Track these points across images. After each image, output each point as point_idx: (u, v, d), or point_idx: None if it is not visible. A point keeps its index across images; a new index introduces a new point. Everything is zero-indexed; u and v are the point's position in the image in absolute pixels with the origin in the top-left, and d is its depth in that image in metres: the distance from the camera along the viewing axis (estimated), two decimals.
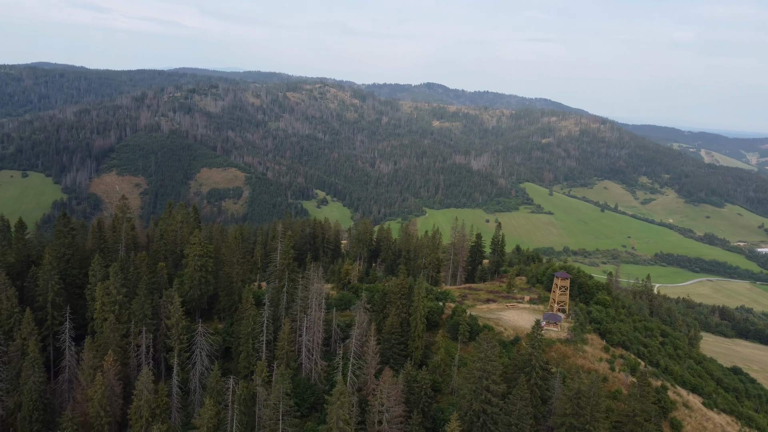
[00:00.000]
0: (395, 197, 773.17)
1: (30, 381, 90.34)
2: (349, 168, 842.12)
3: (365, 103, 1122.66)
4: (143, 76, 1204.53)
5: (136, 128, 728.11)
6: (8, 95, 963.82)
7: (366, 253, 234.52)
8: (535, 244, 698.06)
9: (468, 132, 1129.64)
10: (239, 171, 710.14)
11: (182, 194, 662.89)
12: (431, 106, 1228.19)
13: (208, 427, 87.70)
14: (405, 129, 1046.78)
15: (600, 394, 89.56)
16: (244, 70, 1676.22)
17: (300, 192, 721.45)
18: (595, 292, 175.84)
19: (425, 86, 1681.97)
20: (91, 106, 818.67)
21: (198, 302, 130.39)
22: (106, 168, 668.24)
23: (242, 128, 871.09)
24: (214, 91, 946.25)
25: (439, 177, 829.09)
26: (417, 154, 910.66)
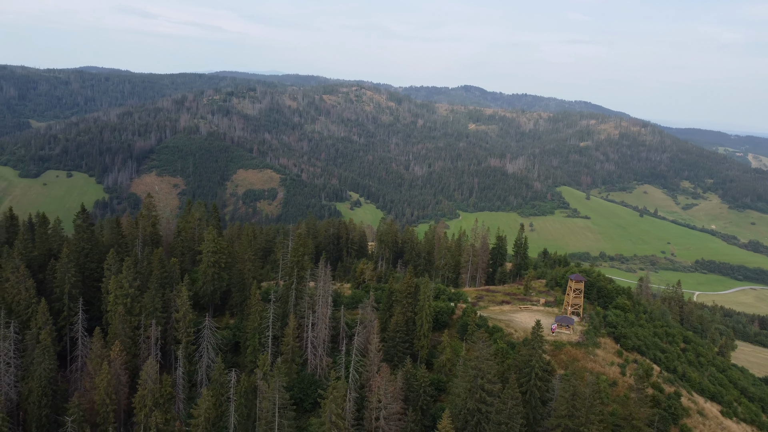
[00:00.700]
0: (428, 200, 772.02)
1: (40, 368, 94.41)
2: (383, 170, 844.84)
3: (401, 105, 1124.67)
4: (184, 80, 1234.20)
5: (175, 130, 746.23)
6: (57, 98, 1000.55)
7: (388, 253, 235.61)
8: (570, 249, 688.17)
9: (504, 135, 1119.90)
10: (274, 172, 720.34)
11: (219, 195, 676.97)
12: (467, 109, 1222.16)
13: (206, 417, 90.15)
14: (440, 132, 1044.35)
15: (596, 396, 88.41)
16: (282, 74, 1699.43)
17: (334, 194, 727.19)
18: (614, 296, 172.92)
19: (462, 89, 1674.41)
20: (133, 108, 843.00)
21: (211, 298, 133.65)
22: (146, 169, 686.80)
23: (279, 130, 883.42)
24: (252, 93, 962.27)
25: (473, 180, 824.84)
26: (452, 157, 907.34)
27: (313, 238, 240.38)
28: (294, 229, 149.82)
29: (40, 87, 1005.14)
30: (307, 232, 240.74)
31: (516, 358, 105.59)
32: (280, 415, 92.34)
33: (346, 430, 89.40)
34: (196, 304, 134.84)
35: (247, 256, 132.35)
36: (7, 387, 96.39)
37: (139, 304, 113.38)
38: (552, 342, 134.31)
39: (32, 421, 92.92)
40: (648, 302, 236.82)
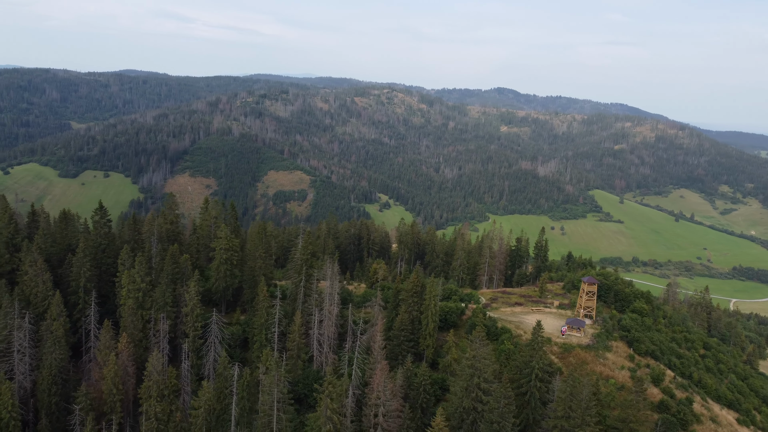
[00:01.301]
0: (458, 202, 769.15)
1: (50, 358, 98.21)
2: (413, 172, 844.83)
3: (432, 108, 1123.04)
4: (219, 82, 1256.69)
5: (209, 132, 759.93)
6: (96, 101, 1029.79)
7: (408, 254, 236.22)
8: (602, 254, 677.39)
9: (537, 137, 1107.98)
10: (305, 174, 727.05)
11: (249, 196, 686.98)
12: (499, 111, 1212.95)
13: (206, 409, 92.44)
14: (471, 134, 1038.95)
15: (592, 398, 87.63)
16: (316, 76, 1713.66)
17: (363, 195, 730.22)
18: (632, 300, 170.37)
19: (495, 91, 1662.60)
20: (169, 110, 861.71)
21: (223, 294, 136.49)
22: (180, 169, 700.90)
23: (310, 132, 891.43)
24: (285, 96, 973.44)
25: (503, 183, 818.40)
26: (482, 160, 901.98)
27: (334, 238, 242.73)
28: (304, 228, 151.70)
29: (81, 90, 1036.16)
30: (328, 233, 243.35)
31: (517, 359, 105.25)
32: (279, 409, 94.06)
33: (342, 425, 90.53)
34: (209, 301, 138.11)
35: (258, 254, 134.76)
36: (21, 376, 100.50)
37: (150, 298, 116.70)
38: (561, 344, 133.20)
39: (42, 408, 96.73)
40: (674, 308, 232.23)
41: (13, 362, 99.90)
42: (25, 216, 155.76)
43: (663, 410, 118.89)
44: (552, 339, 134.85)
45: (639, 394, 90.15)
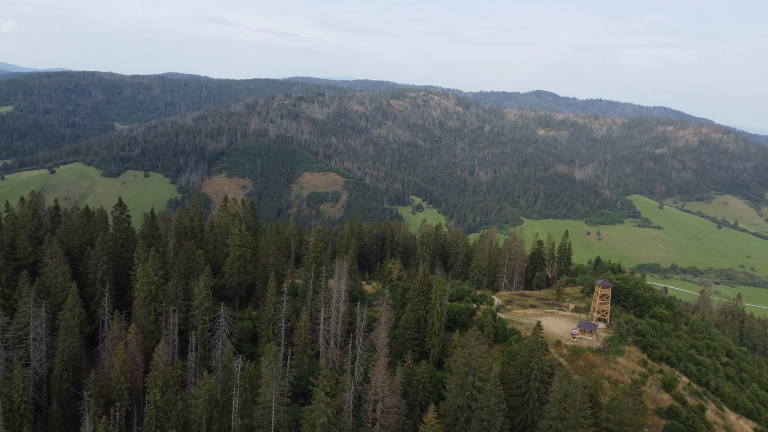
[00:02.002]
0: (492, 206, 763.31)
1: (63, 346, 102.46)
2: (447, 175, 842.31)
3: (468, 110, 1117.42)
4: (258, 85, 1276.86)
5: (245, 133, 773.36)
6: (139, 102, 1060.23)
7: (430, 255, 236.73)
8: (639, 260, 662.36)
9: (575, 141, 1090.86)
10: (338, 176, 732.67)
11: (284, 196, 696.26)
12: (537, 114, 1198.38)
13: (206, 399, 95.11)
14: (508, 137, 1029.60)
15: (586, 400, 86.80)
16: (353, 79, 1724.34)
17: (396, 198, 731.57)
18: (652, 305, 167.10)
19: (534, 94, 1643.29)
20: (208, 112, 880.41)
21: (236, 289, 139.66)
22: (217, 170, 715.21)
23: (345, 134, 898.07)
24: (321, 98, 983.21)
25: (539, 186, 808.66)
26: (518, 163, 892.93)
27: (358, 239, 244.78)
28: (315, 226, 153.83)
29: (125, 92, 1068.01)
30: (351, 233, 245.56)
31: (518, 360, 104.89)
32: (278, 401, 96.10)
33: (338, 419, 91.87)
34: (223, 296, 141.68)
35: (271, 251, 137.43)
36: (37, 362, 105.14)
37: (163, 291, 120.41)
38: (571, 347, 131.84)
39: (53, 393, 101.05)
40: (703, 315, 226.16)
41: (29, 349, 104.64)
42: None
43: (672, 416, 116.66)
44: (562, 342, 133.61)
45: (635, 397, 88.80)
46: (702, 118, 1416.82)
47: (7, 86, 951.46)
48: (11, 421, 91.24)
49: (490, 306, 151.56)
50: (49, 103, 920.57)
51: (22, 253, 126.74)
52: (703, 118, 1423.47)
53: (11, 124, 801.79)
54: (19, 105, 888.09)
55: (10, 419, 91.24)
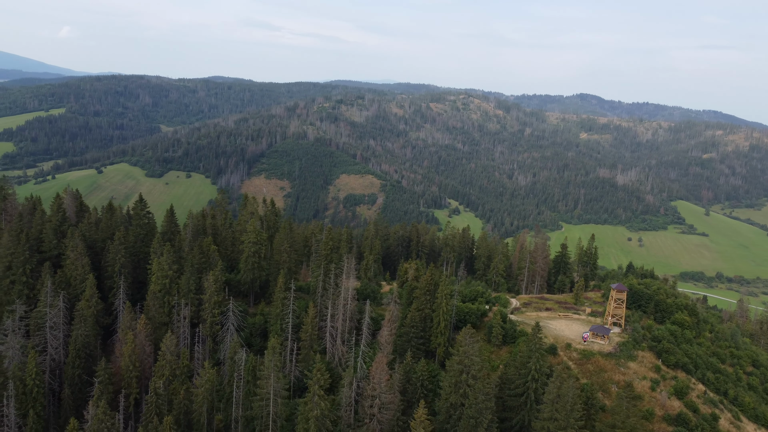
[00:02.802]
0: (530, 210, 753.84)
1: (76, 334, 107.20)
2: (485, 179, 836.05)
3: (509, 114, 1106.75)
4: (300, 88, 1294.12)
5: (285, 136, 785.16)
6: (184, 105, 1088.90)
7: (454, 257, 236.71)
8: (683, 268, 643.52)
9: (618, 145, 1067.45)
10: (375, 178, 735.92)
11: (321, 198, 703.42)
12: (580, 117, 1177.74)
13: (206, 388, 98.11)
14: (549, 141, 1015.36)
15: (577, 401, 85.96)
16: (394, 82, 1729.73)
17: (433, 201, 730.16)
18: (673, 311, 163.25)
19: (577, 97, 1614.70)
20: (249, 115, 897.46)
21: (251, 285, 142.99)
22: (256, 171, 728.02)
23: (383, 137, 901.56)
24: (360, 101, 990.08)
25: (579, 191, 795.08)
26: (558, 167, 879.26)
27: (384, 240, 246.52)
28: (328, 225, 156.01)
29: (171, 95, 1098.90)
30: (375, 234, 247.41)
31: (516, 360, 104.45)
32: (276, 393, 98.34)
33: (330, 411, 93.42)
34: (238, 292, 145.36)
35: (284, 248, 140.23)
36: (53, 350, 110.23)
37: (176, 285, 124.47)
38: (581, 351, 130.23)
39: (66, 379, 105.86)
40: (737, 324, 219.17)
41: (46, 337, 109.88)
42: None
43: (680, 423, 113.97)
44: (572, 345, 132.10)
45: (629, 400, 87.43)
46: (754, 122, 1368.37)
47: (61, 89, 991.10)
48: (24, 403, 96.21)
49: (503, 308, 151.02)
50: (99, 106, 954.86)
51: (47, 246, 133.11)
52: (756, 122, 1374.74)
53: (63, 126, 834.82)
54: (71, 107, 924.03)
55: (23, 401, 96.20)
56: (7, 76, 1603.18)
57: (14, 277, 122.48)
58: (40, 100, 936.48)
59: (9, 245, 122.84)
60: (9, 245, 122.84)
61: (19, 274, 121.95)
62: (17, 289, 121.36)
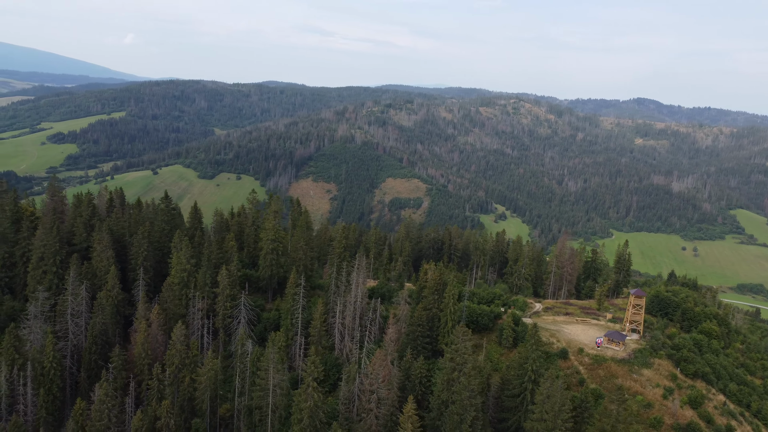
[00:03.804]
0: (579, 216, 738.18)
1: (93, 322, 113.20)
2: (534, 184, 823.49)
3: (561, 118, 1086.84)
4: (350, 93, 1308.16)
5: (333, 139, 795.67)
6: (238, 109, 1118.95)
7: (485, 261, 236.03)
8: (740, 279, 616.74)
9: (675, 151, 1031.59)
10: (421, 182, 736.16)
11: (366, 201, 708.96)
12: (635, 122, 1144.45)
13: (209, 377, 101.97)
14: (601, 146, 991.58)
15: (564, 403, 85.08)
16: (446, 86, 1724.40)
17: (479, 205, 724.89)
18: (701, 320, 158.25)
19: (634, 102, 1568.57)
20: (299, 119, 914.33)
21: (269, 282, 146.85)
22: (304, 174, 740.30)
23: (431, 141, 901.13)
24: (409, 105, 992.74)
25: (631, 198, 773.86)
26: (611, 173, 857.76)
27: (416, 242, 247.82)
28: (341, 225, 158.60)
29: (225, 99, 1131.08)
30: (406, 236, 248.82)
31: (513, 360, 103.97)
32: (275, 384, 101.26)
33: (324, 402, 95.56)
34: (258, 288, 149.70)
35: (300, 246, 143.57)
36: (74, 337, 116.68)
37: (194, 279, 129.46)
38: (593, 356, 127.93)
39: (84, 364, 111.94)
40: None
41: (67, 323, 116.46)
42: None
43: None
44: (584, 350, 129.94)
45: (619, 404, 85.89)
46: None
47: (122, 94, 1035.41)
48: (42, 383, 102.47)
49: (519, 311, 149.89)
50: (157, 109, 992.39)
51: (77, 239, 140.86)
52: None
53: (123, 128, 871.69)
54: (131, 111, 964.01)
55: (41, 382, 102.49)
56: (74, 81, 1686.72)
57: (46, 267, 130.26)
58: (102, 104, 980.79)
59: (42, 237, 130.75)
60: (42, 237, 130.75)
61: (50, 264, 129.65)
62: (48, 279, 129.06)
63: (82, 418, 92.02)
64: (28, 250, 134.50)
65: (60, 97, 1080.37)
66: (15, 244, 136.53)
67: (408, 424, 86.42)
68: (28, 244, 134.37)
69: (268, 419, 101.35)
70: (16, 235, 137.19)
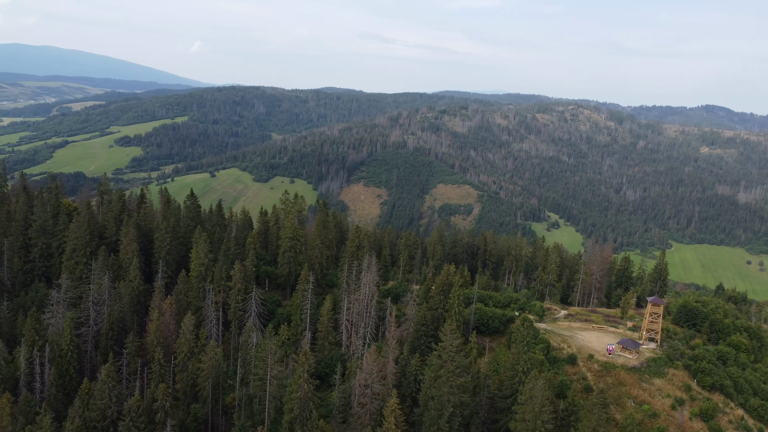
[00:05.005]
0: (636, 227, 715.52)
1: (111, 310, 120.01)
2: (590, 192, 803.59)
3: (621, 125, 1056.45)
4: (406, 99, 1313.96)
5: (385, 144, 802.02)
6: (295, 114, 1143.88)
7: (516, 267, 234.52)
8: None
9: (744, 160, 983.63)
10: (472, 189, 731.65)
11: (416, 207, 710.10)
12: (701, 130, 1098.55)
13: (211, 365, 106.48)
14: (664, 154, 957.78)
15: (545, 403, 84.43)
16: (503, 93, 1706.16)
17: (531, 213, 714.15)
18: (731, 332, 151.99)
19: (702, 109, 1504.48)
20: (353, 124, 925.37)
21: (287, 278, 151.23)
22: (355, 179, 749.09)
23: (484, 148, 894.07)
24: (464, 111, 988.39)
25: (693, 208, 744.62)
26: (672, 182, 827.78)
27: (451, 246, 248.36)
28: (354, 224, 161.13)
29: (283, 105, 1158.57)
30: (438, 239, 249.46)
31: (508, 361, 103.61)
32: (272, 375, 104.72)
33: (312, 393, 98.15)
34: (277, 285, 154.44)
35: (316, 244, 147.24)
36: (95, 324, 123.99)
37: (211, 272, 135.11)
38: (603, 363, 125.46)
39: (101, 348, 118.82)
40: None
41: (89, 311, 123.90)
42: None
43: None
44: (594, 356, 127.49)
45: (599, 408, 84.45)
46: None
47: (186, 99, 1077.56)
48: (60, 365, 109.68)
49: (536, 316, 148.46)
50: (218, 114, 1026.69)
51: (108, 232, 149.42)
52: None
53: (185, 132, 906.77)
54: (193, 116, 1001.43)
55: (59, 363, 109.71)
56: (144, 87, 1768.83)
57: (77, 258, 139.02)
58: (167, 109, 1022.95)
59: (75, 230, 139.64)
60: (75, 230, 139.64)
61: (81, 255, 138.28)
62: (79, 269, 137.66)
63: (88, 397, 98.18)
64: (63, 242, 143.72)
65: (128, 102, 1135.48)
66: (53, 236, 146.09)
67: (391, 418, 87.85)
68: (64, 237, 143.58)
69: (265, 408, 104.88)
70: (54, 228, 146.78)
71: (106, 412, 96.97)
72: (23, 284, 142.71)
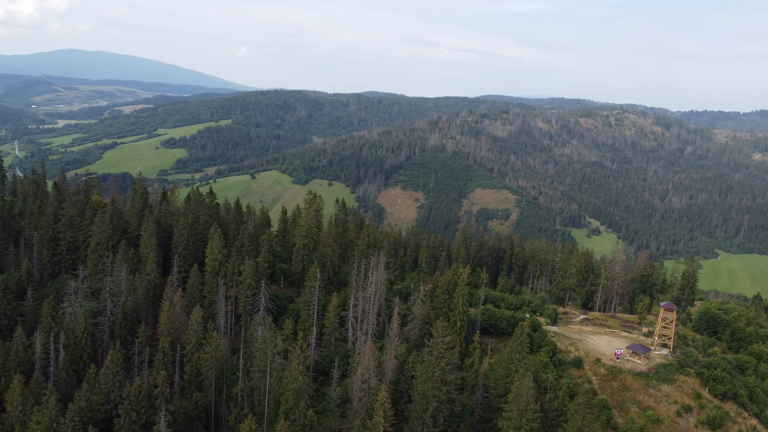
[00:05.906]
0: (681, 235, 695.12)
1: (125, 300, 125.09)
2: (633, 199, 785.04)
3: (668, 131, 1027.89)
4: (447, 103, 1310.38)
5: (424, 148, 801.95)
6: (336, 118, 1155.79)
7: (540, 271, 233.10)
8: None
9: None
10: (511, 193, 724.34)
11: (453, 211, 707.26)
12: (754, 136, 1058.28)
13: (213, 356, 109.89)
14: (713, 161, 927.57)
15: (530, 402, 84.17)
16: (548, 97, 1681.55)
17: (571, 219, 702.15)
18: (752, 340, 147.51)
19: (757, 114, 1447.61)
20: (393, 128, 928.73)
21: (301, 275, 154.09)
22: (393, 182, 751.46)
23: (525, 152, 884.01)
24: (504, 116, 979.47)
25: (743, 217, 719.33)
26: (721, 189, 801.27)
27: (477, 249, 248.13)
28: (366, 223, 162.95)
29: (324, 108, 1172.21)
30: (462, 242, 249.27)
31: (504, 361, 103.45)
32: (273, 367, 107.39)
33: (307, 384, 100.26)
34: (292, 282, 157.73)
35: (328, 243, 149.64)
36: (111, 314, 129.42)
37: (225, 268, 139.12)
38: (609, 367, 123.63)
39: (114, 338, 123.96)
40: None
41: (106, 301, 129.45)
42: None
43: None
44: (601, 360, 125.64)
45: (585, 408, 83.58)
46: None
47: (230, 103, 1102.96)
48: (74, 351, 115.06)
49: (548, 318, 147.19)
50: (260, 118, 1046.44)
51: (131, 227, 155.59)
52: None
53: (228, 135, 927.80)
54: (236, 119, 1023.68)
55: (73, 350, 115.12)
56: (191, 91, 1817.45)
57: (101, 251, 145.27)
58: (211, 112, 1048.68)
59: (99, 225, 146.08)
60: (99, 225, 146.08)
61: (103, 249, 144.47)
62: (102, 262, 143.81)
63: (95, 381, 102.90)
64: (88, 235, 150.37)
65: (175, 105, 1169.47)
66: (79, 230, 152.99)
67: (380, 411, 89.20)
68: (89, 231, 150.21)
69: (265, 399, 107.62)
70: (81, 222, 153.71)
71: (110, 396, 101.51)
72: (51, 275, 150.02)
